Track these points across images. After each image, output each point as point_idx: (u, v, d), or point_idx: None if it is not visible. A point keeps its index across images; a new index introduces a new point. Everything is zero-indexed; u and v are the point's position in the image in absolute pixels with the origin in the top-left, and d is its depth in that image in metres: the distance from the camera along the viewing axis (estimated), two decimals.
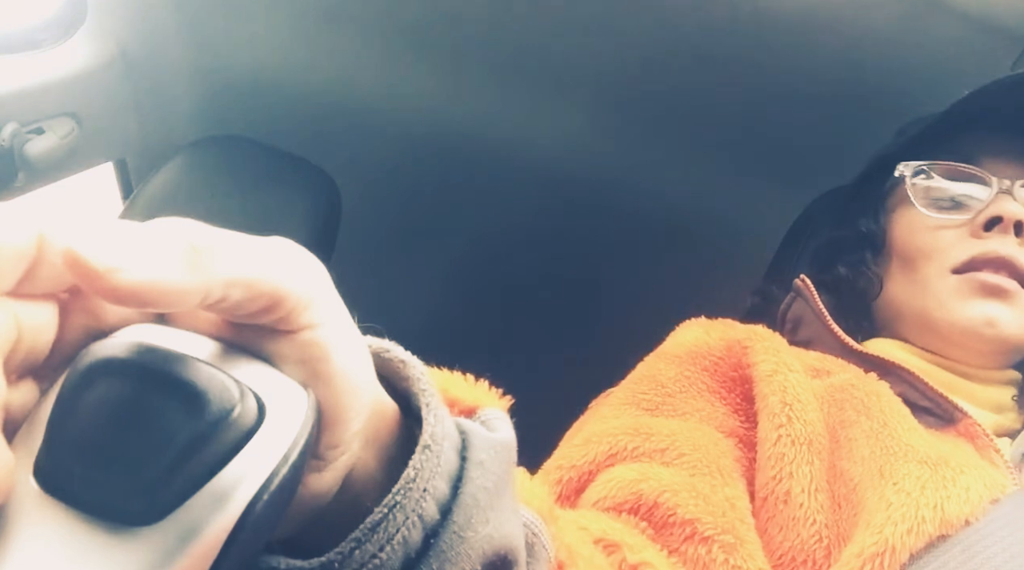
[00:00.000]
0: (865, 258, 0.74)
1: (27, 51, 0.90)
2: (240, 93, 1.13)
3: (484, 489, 0.27)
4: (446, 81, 1.10)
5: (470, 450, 0.27)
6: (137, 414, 0.21)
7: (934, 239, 0.69)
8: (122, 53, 1.00)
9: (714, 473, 0.54)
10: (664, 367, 0.64)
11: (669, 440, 0.55)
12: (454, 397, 0.31)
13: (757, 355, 0.61)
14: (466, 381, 0.33)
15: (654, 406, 0.60)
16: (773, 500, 0.54)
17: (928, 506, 0.51)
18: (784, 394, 0.58)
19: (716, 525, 0.50)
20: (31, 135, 0.91)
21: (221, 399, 0.21)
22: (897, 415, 0.58)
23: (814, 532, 0.52)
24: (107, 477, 0.20)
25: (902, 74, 0.93)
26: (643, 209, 1.24)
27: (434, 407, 0.27)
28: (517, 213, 1.29)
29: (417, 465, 0.26)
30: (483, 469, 0.27)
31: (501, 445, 0.29)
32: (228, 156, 1.02)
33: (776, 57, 0.94)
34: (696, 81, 1.02)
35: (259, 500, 0.21)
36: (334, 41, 1.06)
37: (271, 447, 0.22)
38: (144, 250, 0.20)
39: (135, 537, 0.20)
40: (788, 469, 0.55)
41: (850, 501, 0.54)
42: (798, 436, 0.56)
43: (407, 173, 1.25)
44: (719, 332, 0.66)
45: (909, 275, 0.70)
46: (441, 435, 0.26)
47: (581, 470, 0.55)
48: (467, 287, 1.43)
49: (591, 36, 0.98)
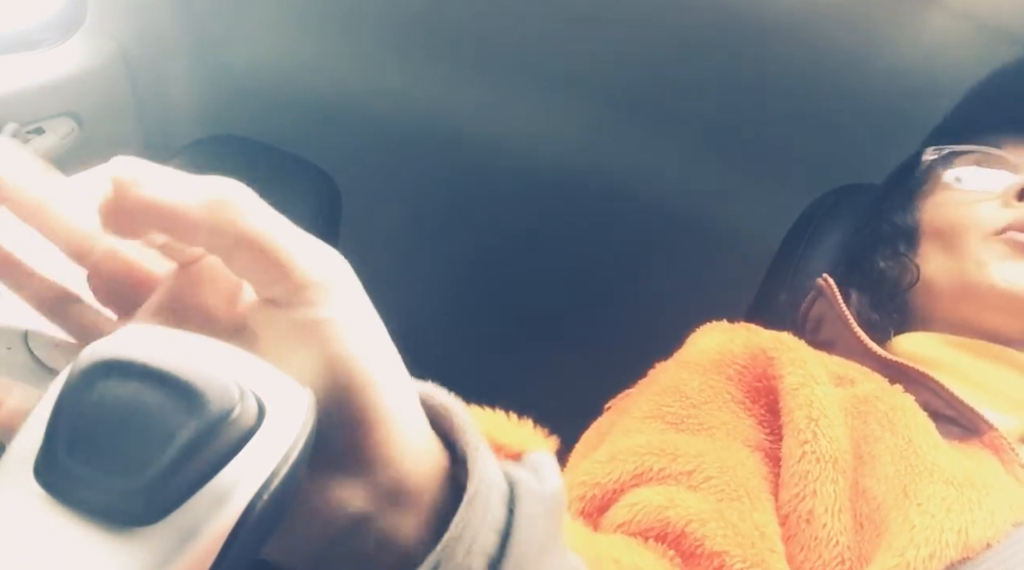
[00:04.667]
0: (899, 249, 0.75)
1: (27, 51, 0.90)
2: (240, 93, 1.13)
3: (535, 543, 0.26)
4: (447, 81, 1.10)
5: (518, 502, 0.26)
6: (137, 414, 0.21)
7: (968, 211, 0.70)
8: (122, 53, 1.00)
9: (743, 497, 0.52)
10: (688, 377, 0.62)
11: (696, 462, 0.54)
12: (499, 442, 0.30)
13: (783, 367, 0.60)
14: (510, 422, 0.32)
15: (679, 419, 0.59)
16: (795, 519, 0.53)
17: (952, 530, 0.50)
18: (810, 409, 0.56)
19: (745, 557, 0.48)
20: (31, 135, 0.90)
21: (221, 399, 0.21)
22: (922, 431, 0.57)
23: (836, 554, 0.51)
24: (107, 477, 0.20)
25: (902, 74, 0.93)
26: (645, 209, 1.24)
27: (479, 460, 0.26)
28: (518, 213, 1.29)
29: (461, 521, 0.25)
30: (532, 522, 0.26)
31: (550, 496, 0.28)
32: (228, 156, 1.02)
33: (776, 57, 0.94)
34: (697, 81, 1.02)
35: (259, 500, 0.21)
36: (334, 41, 1.06)
37: (271, 447, 0.22)
38: (175, 184, 0.24)
39: (135, 537, 0.20)
40: (812, 487, 0.53)
41: (872, 521, 0.53)
42: (823, 453, 0.54)
43: (407, 173, 1.24)
44: (743, 339, 0.64)
45: (946, 249, 0.71)
46: (487, 488, 0.26)
47: (606, 488, 0.54)
48: (468, 287, 1.43)
49: (593, 36, 0.98)
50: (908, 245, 0.75)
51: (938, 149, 0.75)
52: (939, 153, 0.75)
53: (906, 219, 0.76)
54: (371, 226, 1.26)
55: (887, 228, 0.77)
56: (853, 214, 0.87)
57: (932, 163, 0.76)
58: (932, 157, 0.76)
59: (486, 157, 1.19)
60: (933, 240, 0.73)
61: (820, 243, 0.88)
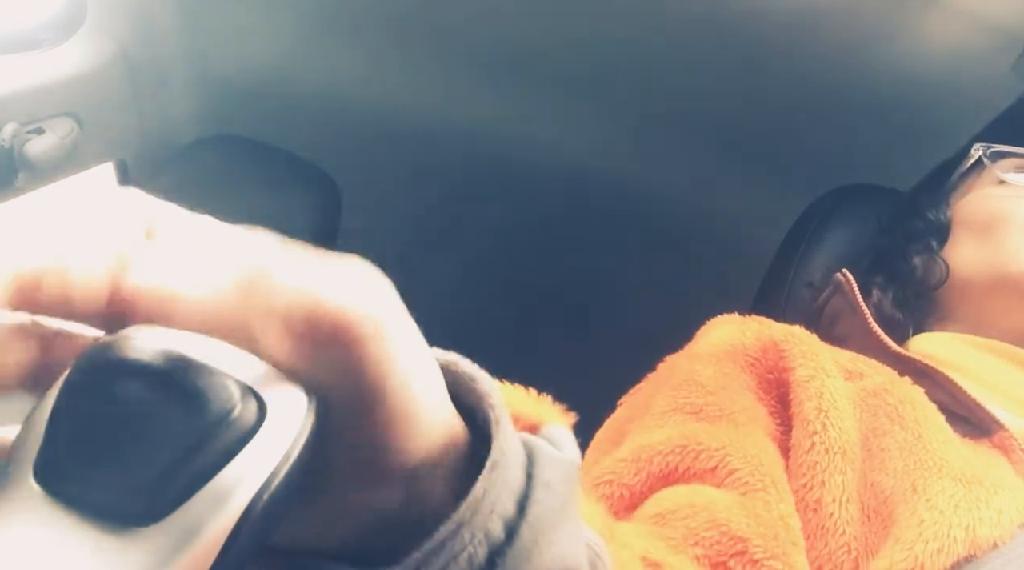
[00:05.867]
0: (931, 246, 0.75)
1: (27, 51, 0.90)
2: (240, 93, 1.13)
3: (551, 510, 0.26)
4: (446, 81, 1.10)
5: (536, 468, 0.27)
6: (137, 414, 0.21)
7: (1009, 204, 0.71)
8: (122, 53, 1.00)
9: (768, 487, 0.52)
10: (701, 368, 0.62)
11: (719, 456, 0.54)
12: (518, 413, 0.31)
13: (794, 359, 0.60)
14: (529, 396, 0.32)
15: (698, 408, 0.59)
16: (803, 508, 0.53)
17: (960, 526, 0.50)
18: (820, 400, 0.57)
19: (767, 549, 0.49)
20: (31, 135, 0.90)
21: (221, 399, 0.21)
22: (932, 425, 0.58)
23: (843, 543, 0.52)
24: (107, 477, 0.20)
25: (902, 74, 0.93)
26: (645, 208, 1.24)
27: (503, 425, 0.26)
28: (519, 213, 1.29)
29: (486, 484, 0.25)
30: (550, 489, 0.26)
31: (568, 464, 0.28)
32: (228, 156, 1.02)
33: (776, 57, 0.94)
34: (699, 82, 1.02)
35: (259, 500, 0.21)
36: (334, 41, 1.06)
37: (271, 447, 0.22)
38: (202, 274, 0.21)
39: (135, 537, 0.20)
40: (820, 477, 0.54)
41: (880, 513, 0.53)
42: (832, 444, 0.55)
43: (407, 173, 1.25)
44: (754, 331, 0.65)
45: (982, 240, 0.71)
46: (510, 453, 0.26)
47: (633, 489, 0.54)
48: (469, 287, 1.43)
49: (595, 35, 0.98)
50: (940, 243, 0.75)
51: (986, 147, 0.76)
52: (985, 150, 0.75)
53: (940, 216, 0.76)
54: (371, 226, 1.26)
55: (921, 225, 0.77)
56: (853, 214, 0.87)
57: (976, 161, 0.76)
58: (977, 154, 0.76)
59: (487, 157, 1.19)
60: (967, 232, 0.73)
61: (820, 243, 0.88)
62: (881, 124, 0.91)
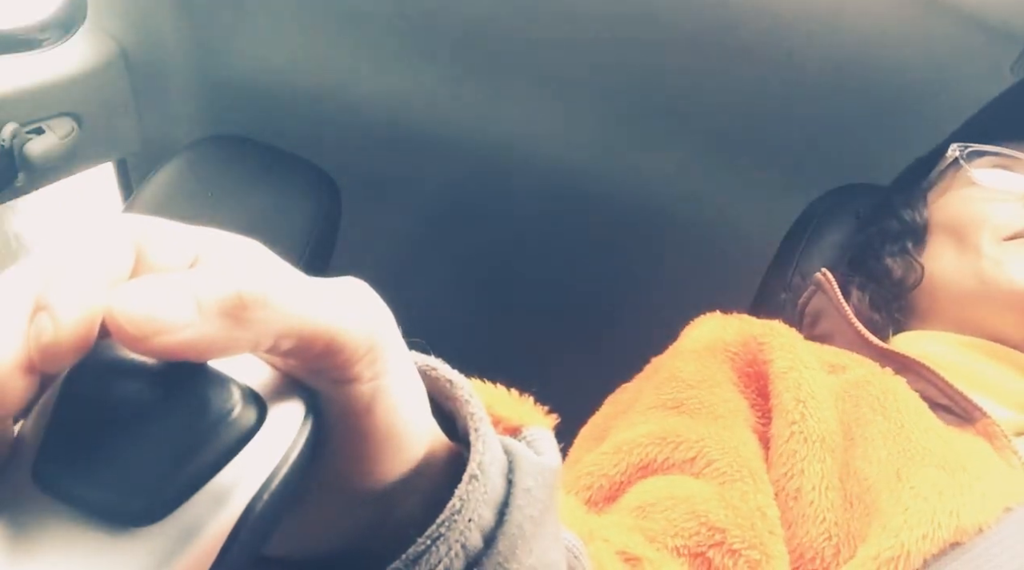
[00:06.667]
0: (907, 247, 0.75)
1: (27, 51, 0.90)
2: (240, 93, 1.13)
3: (530, 518, 0.26)
4: (447, 81, 1.10)
5: (517, 474, 0.27)
6: (136, 414, 0.21)
7: (985, 207, 0.70)
8: (122, 53, 1.00)
9: (746, 478, 0.53)
10: (682, 364, 0.63)
11: (698, 447, 0.54)
12: (499, 415, 0.31)
13: (773, 352, 0.61)
14: (511, 397, 0.32)
15: (679, 403, 0.60)
16: (783, 497, 0.54)
17: (944, 512, 0.50)
18: (798, 391, 0.58)
19: (744, 539, 0.49)
20: (31, 135, 0.91)
21: (221, 399, 0.21)
22: (914, 414, 0.58)
23: (823, 530, 0.52)
24: (107, 477, 0.20)
25: (901, 74, 0.93)
26: (645, 209, 1.24)
27: (483, 433, 0.26)
28: (518, 213, 1.29)
29: (463, 495, 0.25)
30: (529, 496, 0.26)
31: (547, 470, 0.28)
32: (228, 156, 1.02)
33: (776, 57, 0.94)
34: (699, 83, 1.02)
35: (259, 500, 0.21)
36: (334, 41, 1.06)
37: (271, 447, 0.22)
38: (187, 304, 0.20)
39: (135, 537, 0.20)
40: (800, 466, 0.54)
41: (863, 501, 0.53)
42: (811, 433, 0.56)
43: (407, 173, 1.25)
44: (735, 328, 0.66)
45: (958, 247, 0.71)
46: (489, 462, 0.26)
47: (612, 479, 0.55)
48: (467, 287, 1.43)
49: (594, 37, 0.98)
50: (915, 243, 0.75)
51: (963, 147, 0.75)
52: (962, 151, 0.75)
53: (916, 216, 0.76)
54: (371, 226, 1.26)
55: (896, 225, 0.76)
56: (853, 214, 0.87)
57: (953, 161, 0.76)
58: (954, 154, 0.76)
59: (486, 158, 1.19)
60: (943, 237, 0.73)
61: (820, 243, 0.88)
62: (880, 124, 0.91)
